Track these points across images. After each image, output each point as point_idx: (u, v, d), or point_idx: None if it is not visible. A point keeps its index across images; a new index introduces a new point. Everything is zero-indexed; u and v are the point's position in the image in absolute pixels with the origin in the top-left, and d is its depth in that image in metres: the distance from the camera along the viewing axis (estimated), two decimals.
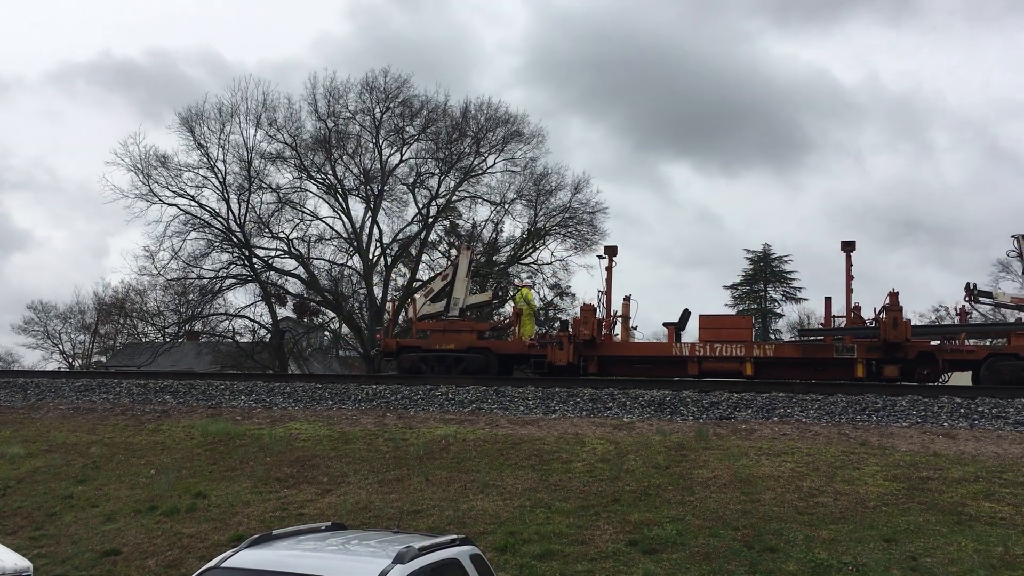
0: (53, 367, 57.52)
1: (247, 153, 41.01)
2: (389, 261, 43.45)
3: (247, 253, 41.14)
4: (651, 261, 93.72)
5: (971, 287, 20.88)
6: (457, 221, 44.72)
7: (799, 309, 57.54)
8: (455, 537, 6.92)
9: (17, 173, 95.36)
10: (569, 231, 42.73)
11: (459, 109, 42.75)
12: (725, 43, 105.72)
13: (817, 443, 13.45)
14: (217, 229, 40.76)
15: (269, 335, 43.08)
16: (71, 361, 61.29)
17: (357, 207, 43.15)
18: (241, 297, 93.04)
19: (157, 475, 13.75)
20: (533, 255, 43.66)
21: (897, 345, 18.19)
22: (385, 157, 42.73)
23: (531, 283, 33.48)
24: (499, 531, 10.61)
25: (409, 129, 42.79)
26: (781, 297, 57.71)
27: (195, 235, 40.40)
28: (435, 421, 15.85)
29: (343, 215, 42.60)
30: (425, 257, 44.43)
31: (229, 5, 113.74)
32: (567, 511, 11.14)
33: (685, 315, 21.31)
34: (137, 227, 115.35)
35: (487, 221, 43.93)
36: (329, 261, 43.50)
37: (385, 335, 22.48)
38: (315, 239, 42.91)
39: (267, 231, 41.78)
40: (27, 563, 9.64)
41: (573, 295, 44.34)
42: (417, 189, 43.21)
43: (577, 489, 11.91)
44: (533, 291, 29.58)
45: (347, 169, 42.55)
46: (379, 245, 43.01)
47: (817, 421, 14.87)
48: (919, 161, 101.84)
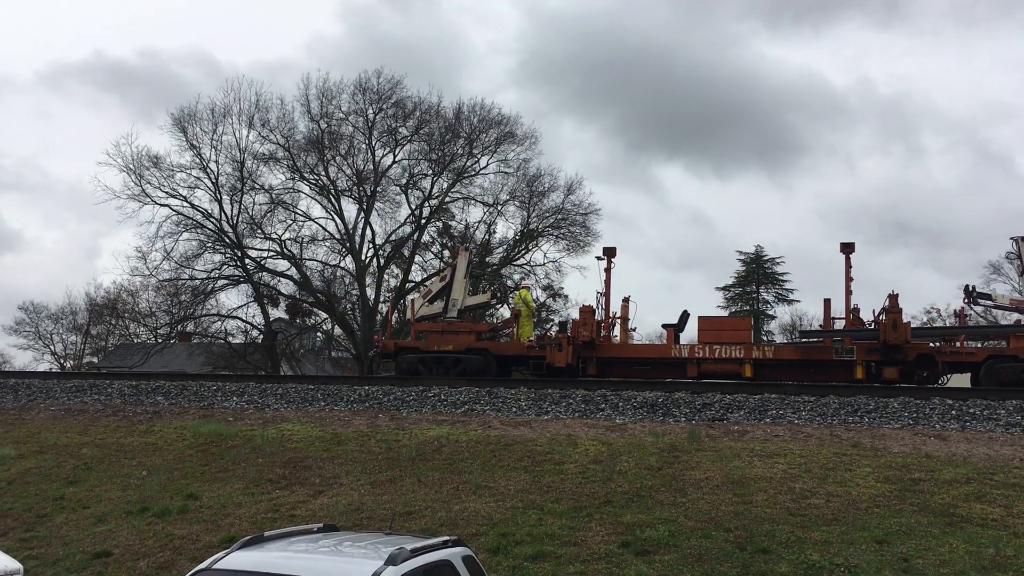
0: (44, 368, 57.36)
1: (240, 154, 41.05)
2: (382, 262, 43.49)
3: (239, 254, 41.10)
4: (644, 263, 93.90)
5: (970, 289, 20.92)
6: (450, 222, 44.80)
7: (791, 311, 57.82)
8: (447, 538, 6.92)
9: (8, 173, 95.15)
10: (562, 233, 42.88)
11: (452, 110, 42.88)
12: (717, 45, 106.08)
13: (809, 445, 13.47)
14: (209, 230, 40.75)
15: (261, 336, 43.00)
16: (62, 362, 61.10)
17: (350, 208, 43.23)
18: (233, 298, 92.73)
19: (149, 476, 13.71)
20: (526, 256, 43.81)
21: (897, 347, 18.22)
22: (378, 158, 42.82)
23: (528, 284, 33.40)
24: (491, 532, 10.60)
25: (402, 130, 42.87)
26: (773, 299, 57.93)
27: (187, 236, 40.41)
28: (427, 422, 15.84)
29: (336, 216, 42.68)
30: (418, 258, 44.51)
31: (221, 6, 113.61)
32: (559, 512, 11.13)
33: (684, 317, 21.33)
34: (129, 228, 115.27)
35: (480, 222, 44.04)
36: (322, 262, 43.59)
37: (383, 336, 22.43)
38: (308, 240, 42.95)
39: (259, 232, 41.78)
40: (18, 565, 9.60)
41: (566, 297, 44.55)
42: (410, 190, 43.29)
43: (569, 490, 11.91)
44: (531, 292, 29.52)
45: (340, 170, 42.60)
46: (372, 246, 43.09)
47: (809, 423, 14.90)
48: (910, 163, 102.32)
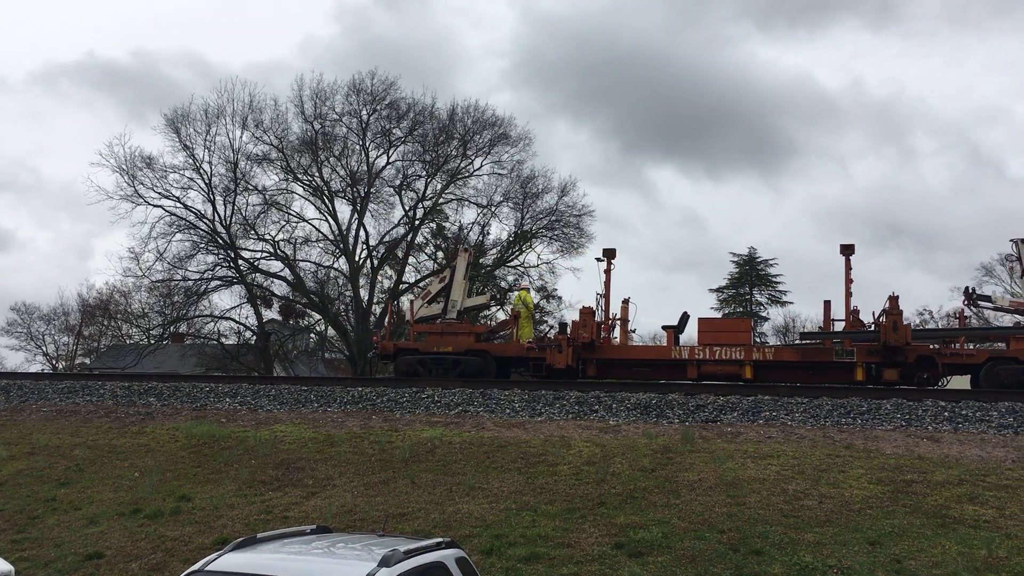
0: (36, 369, 57.12)
1: (233, 155, 40.99)
2: (375, 263, 43.43)
3: (233, 255, 41.04)
4: (637, 264, 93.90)
5: (970, 291, 20.96)
6: (444, 224, 44.79)
7: (784, 312, 57.85)
8: (441, 540, 6.91)
9: (1, 174, 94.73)
10: (556, 234, 42.87)
11: (446, 112, 42.86)
12: (710, 47, 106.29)
13: (802, 446, 13.50)
14: (203, 231, 40.68)
15: (254, 337, 42.93)
16: (54, 363, 60.84)
17: (343, 209, 43.12)
18: (226, 299, 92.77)
19: (141, 478, 13.66)
20: (520, 258, 43.79)
21: (897, 349, 18.25)
22: (372, 159, 42.78)
23: (528, 285, 33.40)
24: (485, 534, 10.60)
25: (396, 131, 42.83)
26: (767, 300, 57.97)
27: (180, 237, 40.34)
28: (421, 424, 15.82)
29: (329, 217, 42.60)
30: (412, 260, 44.48)
31: (213, 7, 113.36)
32: (553, 514, 11.13)
33: (684, 318, 21.34)
34: (122, 228, 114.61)
35: (474, 224, 44.03)
36: (315, 263, 43.53)
37: (382, 338, 22.40)
38: (301, 241, 42.90)
39: (253, 233, 41.70)
40: (9, 567, 9.55)
41: (560, 298, 44.57)
42: (404, 191, 43.24)
43: (563, 492, 11.91)
44: (531, 293, 29.48)
45: (333, 171, 42.54)
46: (365, 247, 43.03)
47: (802, 424, 14.93)
48: (902, 166, 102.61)
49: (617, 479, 12.27)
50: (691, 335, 22.98)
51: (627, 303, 21.52)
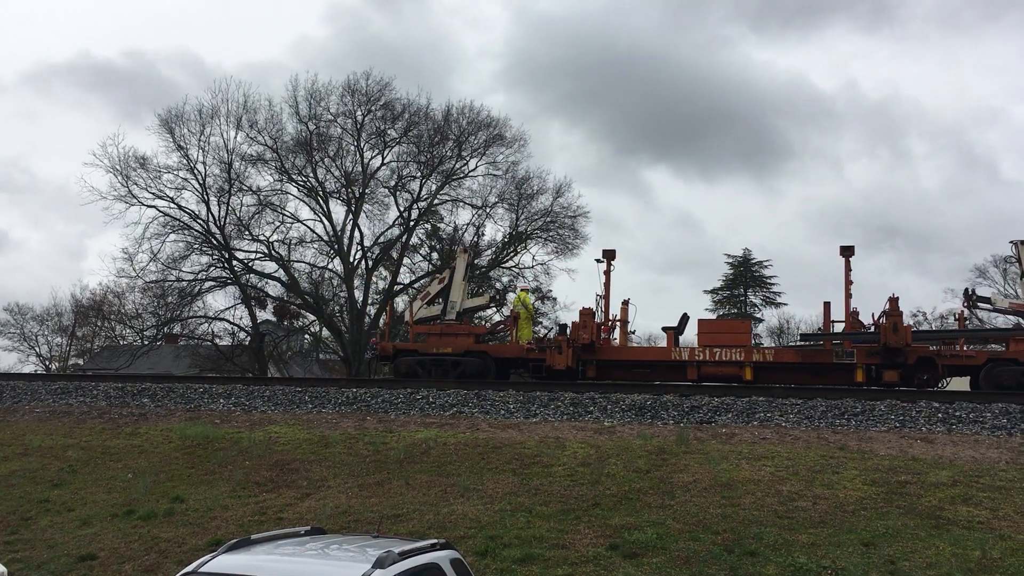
0: (29, 370, 56.96)
1: (227, 155, 40.88)
2: (370, 264, 43.38)
3: (227, 255, 40.89)
4: (632, 266, 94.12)
5: (970, 292, 20.98)
6: (439, 225, 44.75)
7: (779, 314, 57.95)
8: (435, 541, 6.90)
9: None
10: (550, 235, 42.89)
11: (441, 112, 42.86)
12: (705, 49, 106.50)
13: (797, 447, 13.52)
14: (197, 231, 40.55)
15: (249, 338, 42.82)
16: (48, 364, 60.69)
17: (338, 210, 43.11)
18: (221, 300, 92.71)
19: (134, 479, 13.62)
20: (515, 259, 43.78)
21: (897, 350, 18.28)
22: (366, 160, 42.77)
23: (527, 286, 33.35)
24: (479, 535, 10.59)
25: (391, 132, 42.81)
26: (761, 302, 58.05)
27: (174, 237, 40.17)
28: (415, 425, 15.81)
29: (324, 218, 42.56)
30: (406, 261, 44.42)
31: (207, 7, 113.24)
32: (548, 515, 11.13)
33: (684, 319, 21.34)
34: (116, 229, 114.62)
35: (469, 225, 44.01)
36: (310, 264, 43.48)
37: (382, 339, 22.36)
38: (296, 242, 42.81)
39: (247, 233, 41.58)
40: (2, 568, 9.52)
41: (554, 299, 44.55)
42: (398, 192, 43.22)
43: (558, 493, 11.90)
44: (530, 294, 29.44)
45: (328, 172, 42.48)
46: (360, 248, 42.97)
47: (797, 425, 14.95)
48: (896, 168, 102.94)
49: (612, 480, 12.27)
50: (691, 336, 23.04)
51: (627, 304, 21.53)
